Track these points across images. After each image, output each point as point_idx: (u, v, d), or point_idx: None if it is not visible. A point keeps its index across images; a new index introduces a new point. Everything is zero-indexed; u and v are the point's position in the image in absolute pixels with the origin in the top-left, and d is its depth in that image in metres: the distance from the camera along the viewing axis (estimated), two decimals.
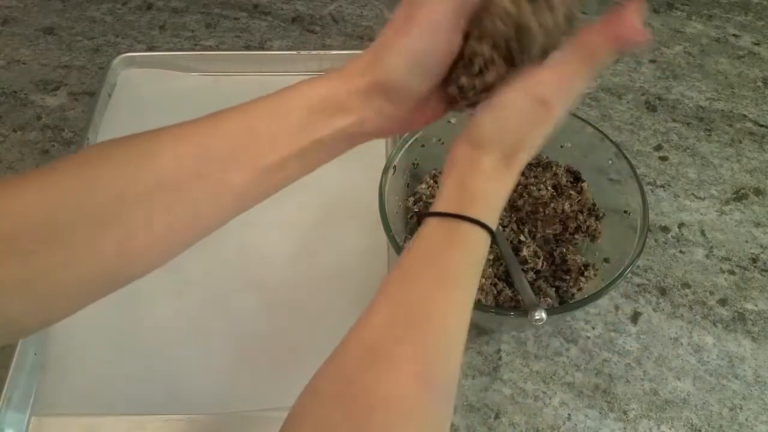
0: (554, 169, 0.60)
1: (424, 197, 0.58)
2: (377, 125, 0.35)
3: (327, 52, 0.77)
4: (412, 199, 0.59)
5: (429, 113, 0.37)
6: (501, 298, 0.54)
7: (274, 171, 0.33)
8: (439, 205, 0.34)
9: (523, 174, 0.61)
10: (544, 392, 0.54)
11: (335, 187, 0.63)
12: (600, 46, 0.32)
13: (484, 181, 0.34)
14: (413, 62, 0.32)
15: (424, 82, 0.34)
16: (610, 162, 0.56)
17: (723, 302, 0.59)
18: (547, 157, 0.61)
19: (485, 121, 0.34)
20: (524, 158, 0.35)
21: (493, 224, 0.34)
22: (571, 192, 0.58)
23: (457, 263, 0.33)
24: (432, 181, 0.60)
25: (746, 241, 0.63)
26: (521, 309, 0.49)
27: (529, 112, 0.33)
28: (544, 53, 0.34)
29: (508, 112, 0.33)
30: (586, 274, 0.55)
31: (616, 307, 0.59)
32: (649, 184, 0.67)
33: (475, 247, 0.34)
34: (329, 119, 0.33)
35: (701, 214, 0.65)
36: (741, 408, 0.53)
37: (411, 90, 0.34)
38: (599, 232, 0.57)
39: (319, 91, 0.33)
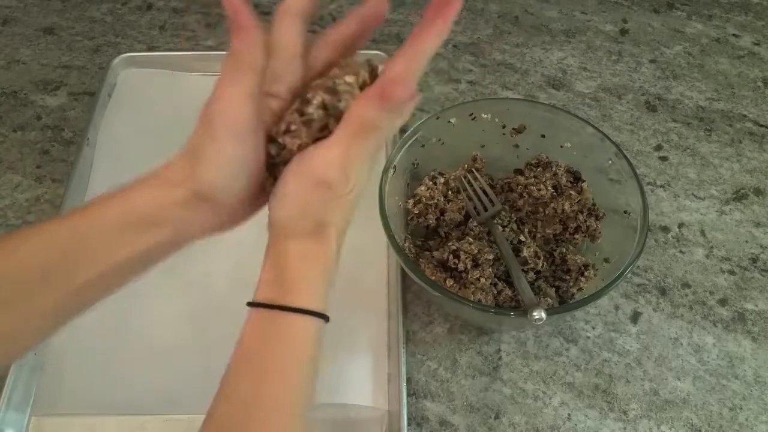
0: (554, 169, 0.59)
1: (423, 199, 0.58)
2: (198, 230, 0.33)
3: None
4: (411, 201, 0.59)
5: (253, 208, 0.35)
6: (501, 298, 0.54)
7: (91, 286, 0.31)
8: (257, 294, 0.32)
9: (523, 174, 0.61)
10: (544, 392, 0.54)
11: None
12: (370, 113, 0.31)
13: (299, 263, 0.32)
14: (227, 171, 0.31)
15: (242, 185, 0.32)
16: (610, 162, 0.55)
17: (723, 302, 0.59)
18: (547, 157, 0.61)
19: (274, 207, 0.33)
20: (335, 231, 0.33)
21: (323, 305, 0.32)
22: (571, 192, 0.58)
23: (280, 358, 0.31)
24: (431, 182, 0.60)
25: (746, 241, 0.63)
26: (521, 309, 0.49)
27: (314, 195, 0.32)
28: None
29: (292, 199, 0.32)
30: (586, 274, 0.55)
31: (616, 307, 0.59)
32: (649, 184, 0.67)
33: (301, 337, 0.32)
34: (145, 234, 0.31)
35: (701, 214, 0.65)
36: (741, 408, 0.53)
37: (231, 195, 0.32)
38: (599, 232, 0.57)
39: (134, 205, 0.31)
